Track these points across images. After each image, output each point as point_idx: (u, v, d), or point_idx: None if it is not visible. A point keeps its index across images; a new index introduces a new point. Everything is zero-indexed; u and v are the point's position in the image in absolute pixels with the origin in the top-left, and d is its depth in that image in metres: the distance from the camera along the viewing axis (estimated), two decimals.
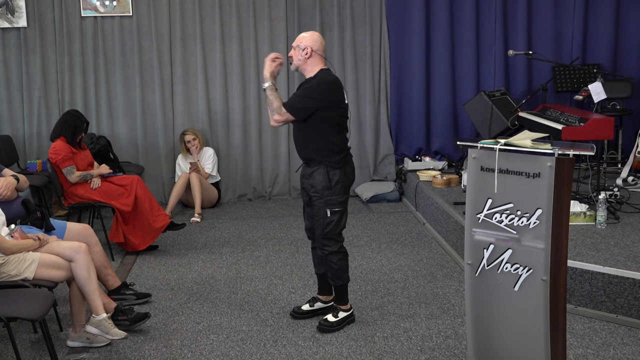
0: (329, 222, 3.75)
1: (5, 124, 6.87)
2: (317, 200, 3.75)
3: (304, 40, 3.74)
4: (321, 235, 3.79)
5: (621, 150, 6.62)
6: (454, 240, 5.15)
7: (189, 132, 6.78)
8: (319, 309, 4.03)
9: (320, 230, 3.78)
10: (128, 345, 3.71)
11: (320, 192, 3.73)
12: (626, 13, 7.06)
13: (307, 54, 3.71)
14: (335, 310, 3.92)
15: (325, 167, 3.73)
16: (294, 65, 3.78)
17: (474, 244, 3.03)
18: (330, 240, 3.79)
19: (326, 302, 4.05)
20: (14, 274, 3.44)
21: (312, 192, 3.77)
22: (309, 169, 3.81)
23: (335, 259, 3.81)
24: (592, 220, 4.71)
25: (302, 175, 3.88)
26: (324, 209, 3.74)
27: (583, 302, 3.92)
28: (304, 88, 3.76)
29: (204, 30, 6.96)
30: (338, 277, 3.85)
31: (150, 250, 5.40)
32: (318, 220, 3.79)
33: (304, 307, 4.05)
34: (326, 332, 3.82)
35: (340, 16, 7.04)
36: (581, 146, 2.86)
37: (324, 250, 3.81)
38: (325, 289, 4.05)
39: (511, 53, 6.06)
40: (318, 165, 3.75)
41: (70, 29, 6.81)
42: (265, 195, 7.26)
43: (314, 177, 3.75)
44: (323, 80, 3.71)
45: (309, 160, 3.80)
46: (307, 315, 4.02)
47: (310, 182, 3.78)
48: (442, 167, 6.92)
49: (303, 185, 3.87)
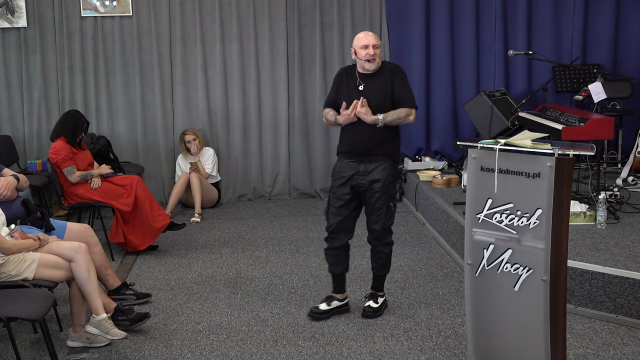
0: (392, 214, 3.93)
1: (5, 124, 6.87)
2: (383, 195, 3.85)
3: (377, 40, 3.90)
4: (383, 229, 3.92)
5: (621, 150, 6.62)
6: (454, 240, 5.15)
7: (189, 132, 6.79)
8: (336, 307, 4.07)
9: (382, 223, 3.90)
10: (128, 345, 3.71)
11: (387, 186, 3.85)
12: (626, 13, 7.06)
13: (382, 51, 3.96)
14: (374, 297, 4.08)
15: (390, 162, 3.88)
16: (377, 63, 3.87)
17: (474, 244, 3.04)
18: (389, 232, 3.97)
19: (341, 300, 4.10)
20: (14, 274, 3.44)
21: (376, 186, 3.83)
22: (368, 164, 3.85)
23: (388, 249, 4.01)
24: (592, 220, 4.71)
25: (353, 172, 3.87)
26: (388, 202, 3.88)
27: (583, 302, 3.92)
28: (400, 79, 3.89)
29: (204, 30, 6.96)
30: (386, 267, 4.06)
31: (150, 250, 5.40)
32: (379, 215, 3.88)
33: (321, 307, 4.05)
34: (372, 317, 3.99)
35: (340, 16, 7.04)
36: (581, 146, 2.86)
37: (382, 242, 3.96)
38: (341, 287, 4.12)
39: (511, 53, 6.06)
40: (382, 160, 3.86)
41: (70, 29, 6.81)
42: (265, 195, 7.26)
43: (377, 172, 3.83)
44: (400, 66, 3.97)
45: (371, 155, 3.85)
46: (326, 315, 4.03)
47: (371, 177, 3.84)
48: (442, 167, 6.91)
49: (352, 183, 3.88)
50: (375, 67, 3.86)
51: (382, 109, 3.83)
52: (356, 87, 3.91)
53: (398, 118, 3.83)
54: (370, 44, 3.84)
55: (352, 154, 3.91)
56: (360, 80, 3.91)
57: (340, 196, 3.92)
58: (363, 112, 3.79)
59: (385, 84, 3.86)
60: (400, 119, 3.84)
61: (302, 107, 7.12)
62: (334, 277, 4.11)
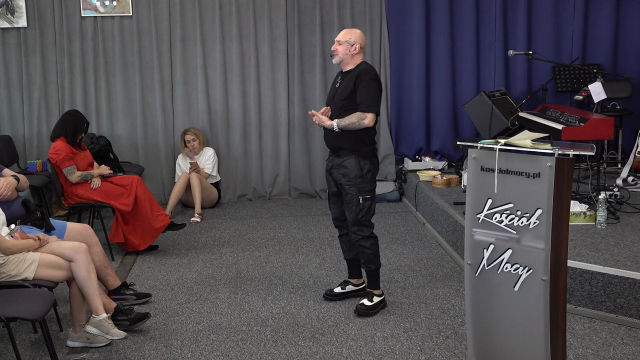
0: (362, 209, 3.97)
1: (5, 124, 6.87)
2: (350, 188, 3.96)
3: (353, 36, 3.99)
4: (354, 222, 4.00)
5: (621, 150, 6.62)
6: (454, 240, 5.15)
7: (190, 132, 6.79)
8: (350, 291, 4.29)
9: (353, 216, 3.99)
10: (128, 345, 3.71)
11: (353, 180, 3.95)
12: (626, 13, 7.06)
13: (355, 50, 3.98)
14: (369, 295, 4.12)
15: (357, 157, 3.95)
16: (339, 58, 3.99)
17: (474, 244, 3.04)
18: (362, 226, 4.01)
19: (357, 285, 4.30)
20: (14, 274, 3.44)
21: (345, 181, 3.97)
22: (338, 159, 4.01)
23: (368, 243, 4.04)
24: (592, 220, 4.71)
25: (330, 166, 4.08)
26: (356, 196, 3.95)
27: (583, 302, 3.92)
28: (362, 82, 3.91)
29: (204, 30, 6.96)
30: (371, 261, 4.08)
31: (150, 250, 5.40)
32: (350, 208, 3.99)
33: (336, 290, 4.29)
34: (364, 316, 4.02)
35: (340, 16, 7.04)
36: (581, 146, 2.86)
37: (357, 236, 4.03)
38: (355, 272, 4.31)
39: (511, 53, 6.06)
40: (349, 154, 3.96)
41: (70, 29, 6.82)
42: (265, 195, 7.27)
43: (345, 166, 3.96)
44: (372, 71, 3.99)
45: (339, 149, 4.00)
46: (339, 297, 4.27)
47: (342, 171, 3.98)
48: (442, 167, 6.91)
49: (332, 175, 4.07)
50: (337, 62, 4.03)
51: (343, 108, 3.95)
52: (334, 85, 4.11)
53: (350, 123, 3.90)
54: (335, 40, 4.03)
55: (328, 148, 4.15)
56: (340, 79, 4.09)
57: (329, 187, 4.17)
58: (319, 121, 4.00)
59: (349, 84, 3.95)
60: (353, 123, 3.90)
61: (302, 107, 7.12)
62: (348, 263, 4.33)
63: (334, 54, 4.01)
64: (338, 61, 4.02)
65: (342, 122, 3.91)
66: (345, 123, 3.91)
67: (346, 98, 3.95)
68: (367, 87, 3.92)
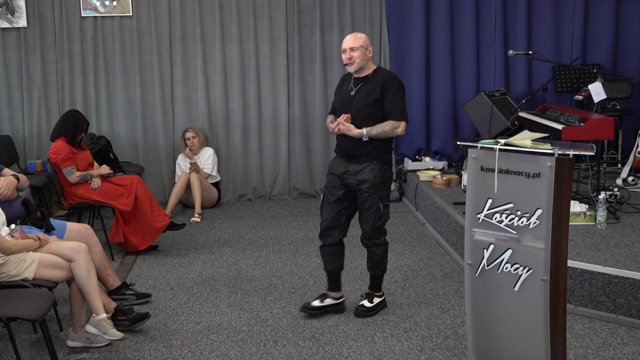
0: (382, 216, 3.89)
1: (5, 124, 6.87)
2: (371, 195, 3.85)
3: (365, 40, 3.87)
4: (372, 229, 3.91)
5: (621, 150, 6.62)
6: (454, 240, 5.15)
7: (190, 130, 6.80)
8: (329, 305, 4.06)
9: (372, 224, 3.90)
10: (128, 345, 3.71)
11: (375, 187, 3.84)
12: (626, 13, 7.06)
13: (370, 52, 3.88)
14: (370, 296, 4.08)
15: (379, 164, 3.86)
16: (357, 65, 3.84)
17: (474, 244, 3.04)
18: (379, 233, 3.94)
19: (336, 299, 4.09)
20: (14, 274, 3.44)
21: (365, 187, 3.84)
22: (356, 165, 3.87)
23: (381, 250, 3.98)
24: (592, 220, 4.71)
25: (343, 171, 3.91)
26: (377, 203, 3.86)
27: (583, 302, 3.92)
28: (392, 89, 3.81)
29: (204, 30, 6.96)
30: (380, 267, 4.03)
31: (150, 250, 5.40)
32: (369, 215, 3.88)
33: (314, 303, 4.06)
34: (363, 317, 3.99)
35: (340, 16, 7.04)
36: (581, 146, 2.86)
37: (373, 242, 3.95)
38: (335, 285, 4.11)
39: (511, 53, 6.06)
40: (370, 161, 3.85)
41: (70, 29, 6.82)
42: (265, 195, 7.27)
43: (365, 173, 3.84)
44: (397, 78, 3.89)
45: (359, 157, 3.86)
46: (318, 311, 4.03)
47: (360, 178, 3.85)
48: (442, 167, 6.91)
49: (345, 181, 3.91)
50: (355, 69, 3.86)
51: (369, 116, 3.82)
52: (349, 92, 3.93)
53: (384, 132, 3.80)
54: (347, 48, 3.85)
55: (343, 154, 3.96)
56: (353, 85, 3.92)
57: (333, 192, 3.97)
58: (345, 129, 3.83)
59: (375, 92, 3.83)
60: (386, 132, 3.81)
61: (302, 107, 7.12)
62: (328, 275, 4.11)
63: (350, 62, 3.84)
64: (356, 68, 3.85)
65: (373, 131, 3.79)
66: (377, 132, 3.79)
67: (371, 105, 3.82)
68: (397, 95, 3.82)
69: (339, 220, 3.99)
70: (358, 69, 3.86)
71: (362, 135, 3.80)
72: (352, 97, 3.90)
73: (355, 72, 3.89)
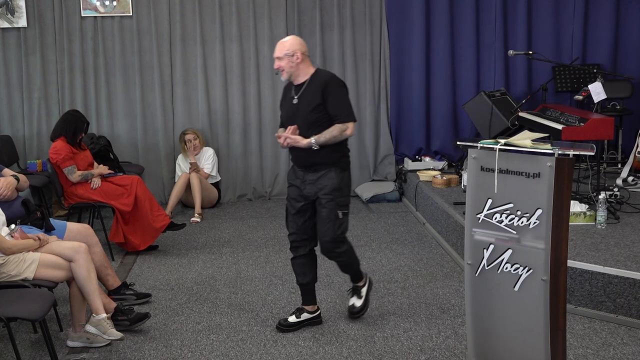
0: (341, 224, 3.74)
1: (5, 124, 6.87)
2: (328, 202, 3.69)
3: (289, 47, 3.68)
4: (332, 239, 3.74)
5: (621, 150, 6.62)
6: (454, 240, 5.15)
7: (189, 132, 6.79)
8: (306, 319, 3.92)
9: (332, 234, 3.73)
10: (128, 345, 3.71)
11: (332, 194, 3.69)
12: (626, 13, 7.06)
13: (298, 58, 3.68)
14: (356, 291, 4.01)
15: (337, 170, 3.71)
16: (287, 73, 3.71)
17: (474, 244, 3.03)
18: (339, 243, 3.78)
19: (312, 313, 3.94)
20: (14, 274, 3.44)
21: (322, 194, 3.70)
22: (314, 174, 3.72)
23: (346, 256, 3.86)
24: (592, 220, 4.71)
25: (301, 181, 3.79)
26: (335, 210, 3.70)
27: (583, 302, 3.92)
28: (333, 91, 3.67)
29: (204, 30, 6.96)
30: (349, 266, 3.95)
31: (150, 250, 5.40)
32: (327, 224, 3.71)
33: (290, 319, 3.90)
34: (359, 317, 3.96)
35: (340, 16, 7.04)
36: (581, 146, 2.86)
37: (335, 253, 3.81)
38: (310, 298, 3.97)
39: (511, 53, 6.06)
40: (328, 168, 3.70)
41: (70, 29, 6.81)
42: (265, 195, 7.26)
43: (323, 180, 3.70)
44: (337, 77, 3.76)
45: (316, 164, 3.71)
46: (295, 327, 3.88)
47: (318, 186, 3.71)
48: (442, 167, 6.91)
49: (303, 191, 3.77)
50: (287, 78, 3.73)
51: (315, 123, 3.67)
52: (291, 101, 3.78)
53: (332, 137, 3.65)
54: (275, 57, 3.72)
55: (299, 165, 3.82)
56: (294, 93, 3.76)
57: (294, 204, 3.83)
58: (292, 142, 3.67)
59: (316, 97, 3.67)
60: (335, 137, 3.65)
61: None
62: (301, 288, 3.97)
63: (280, 72, 3.71)
64: (287, 77, 3.71)
65: (321, 138, 3.63)
66: (325, 138, 3.64)
67: (315, 111, 3.66)
68: (339, 97, 3.68)
69: (306, 231, 3.85)
70: (290, 77, 3.72)
71: (311, 145, 3.64)
72: (296, 106, 3.74)
73: (291, 80, 3.75)
